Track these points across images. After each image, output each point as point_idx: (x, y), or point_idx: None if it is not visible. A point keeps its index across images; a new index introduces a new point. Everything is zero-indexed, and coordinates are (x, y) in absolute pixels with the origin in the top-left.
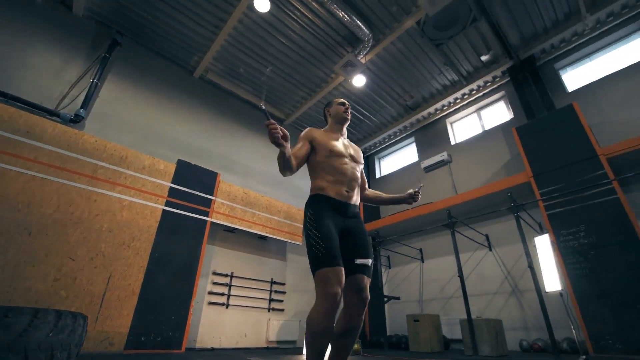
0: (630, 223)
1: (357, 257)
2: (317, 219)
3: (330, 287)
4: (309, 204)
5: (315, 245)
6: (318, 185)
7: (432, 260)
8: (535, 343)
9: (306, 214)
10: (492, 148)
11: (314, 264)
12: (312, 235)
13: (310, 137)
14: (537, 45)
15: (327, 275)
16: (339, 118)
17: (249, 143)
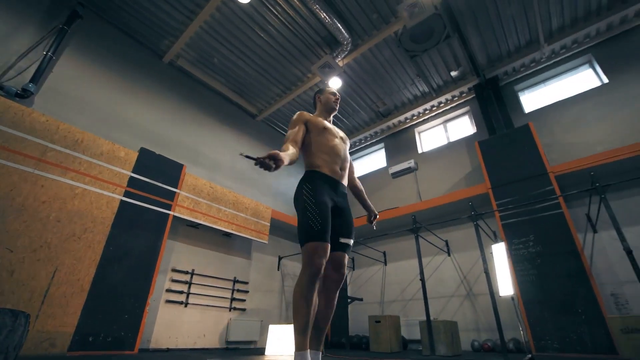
0: (572, 235)
1: (342, 237)
2: (315, 194)
3: (317, 258)
4: (306, 178)
5: (312, 218)
6: (314, 163)
7: (395, 263)
8: (485, 343)
9: (302, 187)
10: (455, 159)
11: (306, 235)
12: (309, 208)
13: (304, 119)
14: (501, 66)
15: (317, 248)
16: (328, 107)
17: (218, 136)
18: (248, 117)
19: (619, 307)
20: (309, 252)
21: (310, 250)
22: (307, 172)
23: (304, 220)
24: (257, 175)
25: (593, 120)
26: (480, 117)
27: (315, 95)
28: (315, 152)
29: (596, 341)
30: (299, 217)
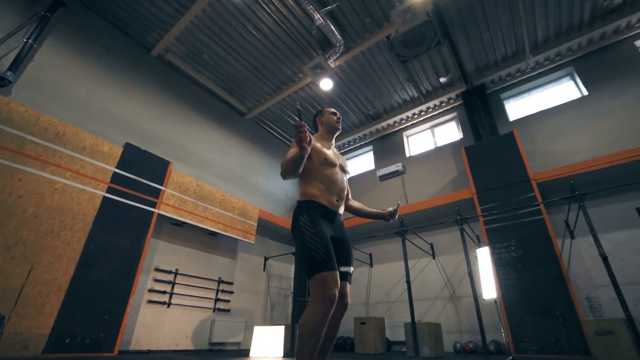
0: (551, 241)
1: (343, 265)
2: (314, 224)
3: (329, 290)
4: (303, 209)
5: (315, 249)
6: (310, 193)
7: (380, 265)
8: (467, 345)
9: (299, 218)
10: (442, 164)
11: (313, 268)
12: (310, 240)
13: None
14: (488, 75)
15: (327, 279)
16: (331, 127)
17: (206, 133)
18: (237, 115)
19: (593, 310)
20: (320, 284)
21: (321, 282)
22: (302, 202)
23: (306, 252)
24: (245, 174)
25: (573, 130)
26: (466, 123)
27: (315, 117)
28: (313, 181)
29: (572, 343)
30: (301, 249)
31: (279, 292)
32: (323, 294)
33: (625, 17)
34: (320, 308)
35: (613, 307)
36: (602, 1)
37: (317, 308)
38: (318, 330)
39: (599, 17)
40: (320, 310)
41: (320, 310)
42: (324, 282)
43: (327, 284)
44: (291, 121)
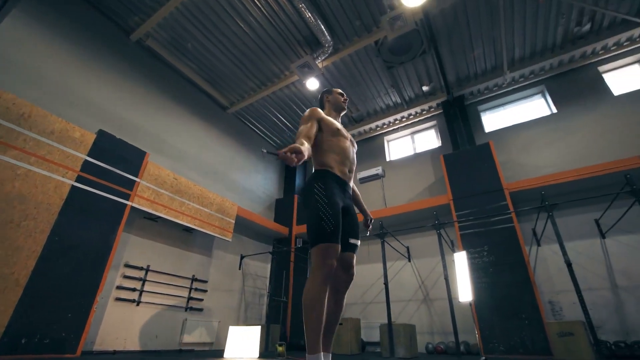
0: (520, 248)
1: (351, 237)
2: (328, 194)
3: (329, 259)
4: (318, 177)
5: (326, 219)
6: (325, 162)
7: (358, 267)
8: (438, 346)
9: (313, 185)
10: (420, 169)
11: (319, 236)
12: (323, 208)
13: (318, 116)
14: (467, 87)
15: (329, 249)
16: (338, 106)
17: (186, 125)
18: (218, 108)
19: (555, 313)
20: (321, 253)
21: (322, 251)
22: (318, 171)
23: (316, 220)
24: (224, 170)
25: (543, 144)
26: (445, 132)
27: (322, 95)
28: (327, 152)
29: (535, 344)
30: (310, 216)
31: (254, 292)
32: (323, 260)
33: (591, 44)
34: (320, 273)
35: (572, 310)
36: (573, 27)
37: (318, 273)
38: (321, 296)
39: (569, 41)
40: (320, 275)
41: (321, 275)
42: (326, 251)
43: (329, 254)
44: (274, 118)
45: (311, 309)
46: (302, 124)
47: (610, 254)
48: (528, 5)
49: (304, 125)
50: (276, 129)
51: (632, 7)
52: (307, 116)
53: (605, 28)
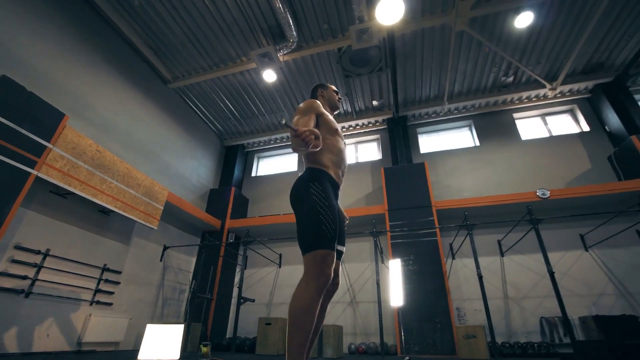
0: (440, 259)
1: (339, 244)
2: (327, 196)
3: (327, 268)
4: (315, 176)
5: (327, 224)
6: (321, 161)
7: (290, 266)
8: (360, 346)
9: (309, 185)
10: (360, 178)
11: (318, 242)
12: (323, 212)
13: (318, 111)
14: (412, 109)
15: (327, 257)
16: (333, 104)
17: (118, 92)
18: (159, 80)
19: (460, 318)
20: (319, 261)
21: (321, 259)
22: (313, 169)
23: (314, 223)
24: (157, 150)
25: (466, 171)
26: (387, 146)
27: (317, 88)
28: (324, 151)
29: (444, 345)
30: (306, 218)
31: (174, 287)
32: (321, 269)
33: (510, 94)
34: (315, 283)
35: (473, 316)
36: (501, 77)
37: (313, 283)
38: (313, 307)
39: (496, 88)
40: (316, 285)
41: (317, 285)
42: (324, 259)
43: (327, 262)
44: (221, 103)
45: (301, 321)
46: (300, 115)
47: (506, 270)
48: (472, 50)
49: (301, 117)
50: (221, 115)
51: (543, 71)
52: (306, 107)
53: (523, 83)
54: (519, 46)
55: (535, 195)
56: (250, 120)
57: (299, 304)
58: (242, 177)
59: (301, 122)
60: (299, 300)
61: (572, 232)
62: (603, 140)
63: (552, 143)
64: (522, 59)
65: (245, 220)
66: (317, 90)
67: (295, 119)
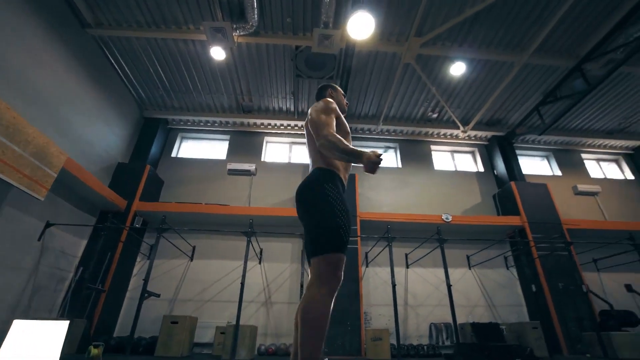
0: (357, 266)
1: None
2: (342, 199)
3: (339, 272)
4: (327, 177)
5: (344, 228)
6: (334, 164)
7: (202, 261)
8: (270, 347)
9: (323, 185)
10: (290, 179)
11: (334, 245)
12: (340, 215)
13: (337, 113)
14: (350, 123)
15: (341, 261)
16: (342, 108)
17: (19, 27)
18: (76, 22)
19: (366, 322)
20: (334, 264)
21: (335, 263)
22: (326, 170)
23: (332, 226)
24: (59, 104)
25: (388, 188)
26: None
27: (326, 88)
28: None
29: (352, 346)
30: (322, 220)
31: (52, 274)
32: (335, 273)
33: (432, 128)
34: (330, 287)
35: (377, 320)
36: (428, 111)
37: (328, 287)
38: (328, 311)
39: (423, 120)
40: (330, 288)
41: (331, 289)
42: (339, 263)
43: (340, 265)
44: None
45: (318, 326)
46: (324, 114)
47: (409, 280)
48: (413, 82)
49: (328, 117)
50: (148, 82)
51: (460, 115)
52: (328, 108)
53: (444, 121)
54: (448, 89)
55: (441, 218)
56: (182, 96)
57: (314, 309)
58: (160, 156)
59: (330, 122)
60: (314, 304)
61: (461, 252)
62: (491, 181)
63: (456, 176)
64: (448, 100)
65: (158, 204)
66: (326, 90)
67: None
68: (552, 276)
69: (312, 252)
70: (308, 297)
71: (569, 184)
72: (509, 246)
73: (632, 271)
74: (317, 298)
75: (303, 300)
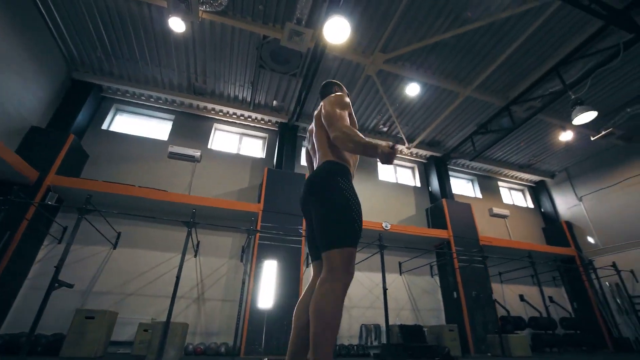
0: (299, 266)
1: None
2: (355, 195)
3: (352, 267)
4: (341, 172)
5: (358, 222)
6: (345, 158)
7: (126, 249)
8: (198, 347)
9: (337, 180)
10: (238, 171)
11: (349, 239)
12: (355, 209)
13: (350, 109)
14: (305, 122)
15: (354, 255)
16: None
17: None
18: None
19: None
20: (348, 258)
21: (349, 257)
22: (338, 164)
23: (347, 220)
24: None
25: None
26: (273, 149)
27: (332, 85)
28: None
29: (287, 346)
30: (338, 214)
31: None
32: (348, 267)
33: (381, 140)
34: (344, 282)
35: None
36: (380, 124)
37: (341, 281)
38: (341, 306)
39: (374, 131)
40: (344, 283)
41: (344, 282)
42: (351, 257)
43: (353, 260)
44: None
45: (332, 321)
46: (339, 108)
47: None
48: (371, 94)
49: (342, 111)
50: (84, 41)
51: (408, 132)
52: (344, 102)
53: (392, 135)
54: (401, 107)
55: (381, 225)
56: (125, 63)
57: (329, 302)
58: (87, 126)
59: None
60: (328, 299)
61: (394, 259)
62: (426, 196)
63: (397, 188)
64: (399, 117)
65: (80, 181)
66: (332, 87)
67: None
68: (468, 285)
69: (326, 245)
70: (322, 293)
71: (487, 206)
72: (436, 256)
73: (525, 284)
74: (332, 294)
75: (317, 296)
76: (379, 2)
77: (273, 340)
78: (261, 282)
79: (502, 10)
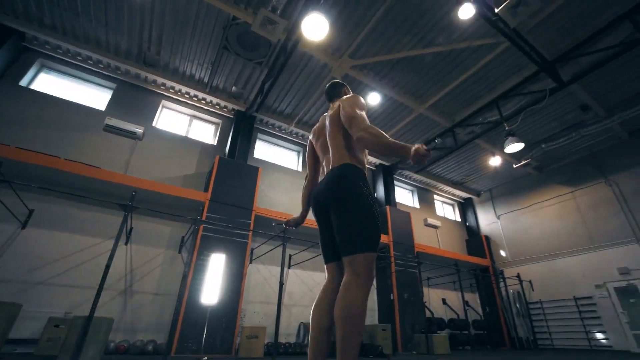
0: (244, 261)
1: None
2: (376, 201)
3: (374, 271)
4: (362, 176)
5: (380, 227)
6: (362, 161)
7: (39, 230)
8: (122, 345)
9: (359, 184)
10: (184, 155)
11: (372, 244)
12: (377, 215)
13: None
14: (264, 114)
15: (375, 260)
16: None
17: None
18: None
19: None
20: (371, 263)
21: (372, 261)
22: (358, 169)
23: (372, 226)
24: None
25: (285, 188)
26: (226, 136)
27: (341, 86)
28: (363, 150)
29: (223, 344)
30: (363, 219)
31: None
32: (371, 272)
33: None
34: (368, 285)
35: (251, 317)
36: None
37: (365, 285)
38: (365, 309)
39: None
40: (367, 286)
41: (368, 286)
42: (373, 261)
43: (374, 265)
44: None
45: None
46: (359, 109)
47: (289, 280)
48: None
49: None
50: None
51: None
52: (362, 102)
53: None
54: None
55: None
56: (63, 13)
57: (355, 306)
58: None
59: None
60: (355, 302)
61: None
62: None
63: None
64: None
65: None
66: (341, 87)
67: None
68: (402, 288)
69: (350, 250)
70: (348, 296)
71: (422, 216)
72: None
73: (448, 289)
74: (358, 297)
75: (343, 299)
76: (355, 8)
77: (209, 338)
78: (203, 276)
79: (462, 40)
